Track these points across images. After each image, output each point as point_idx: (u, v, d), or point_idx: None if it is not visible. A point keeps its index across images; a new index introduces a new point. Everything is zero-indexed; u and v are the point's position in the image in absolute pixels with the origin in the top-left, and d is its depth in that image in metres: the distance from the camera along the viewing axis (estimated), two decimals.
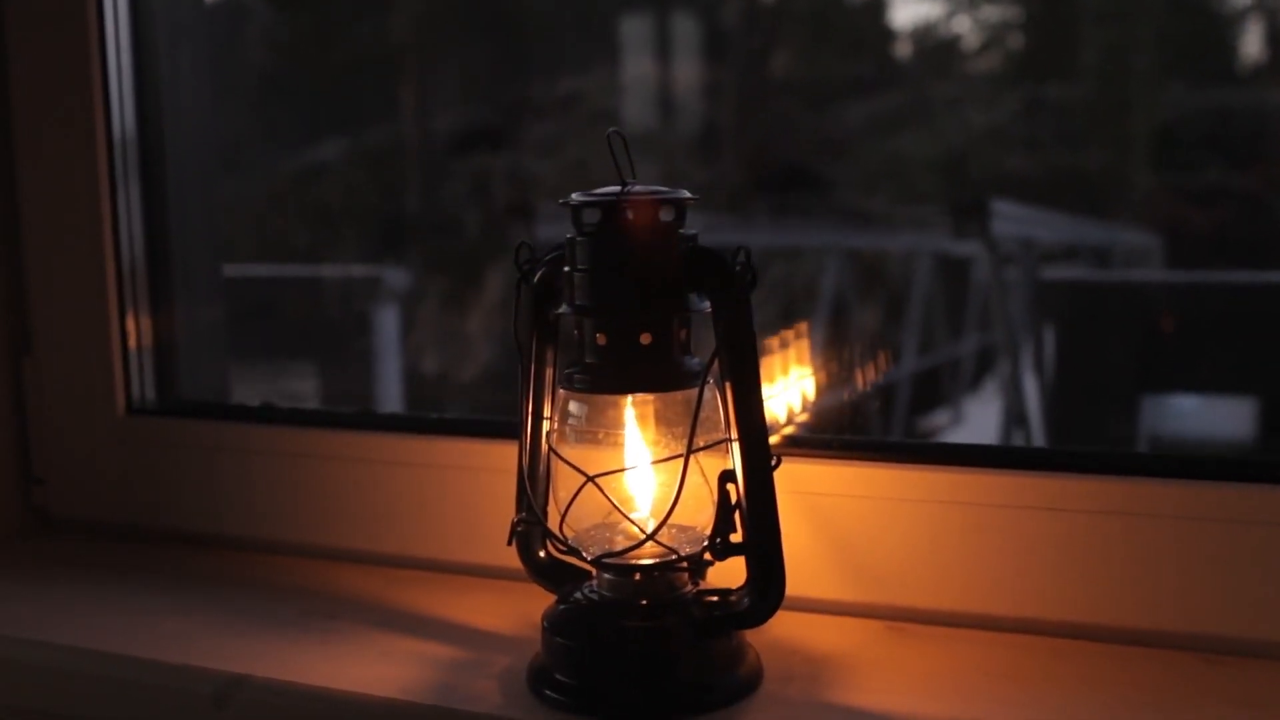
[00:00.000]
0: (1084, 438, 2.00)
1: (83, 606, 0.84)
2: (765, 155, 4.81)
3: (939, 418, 4.99)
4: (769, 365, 0.90)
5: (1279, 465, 0.71)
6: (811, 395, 0.91)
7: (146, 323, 0.98)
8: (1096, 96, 4.69)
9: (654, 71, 5.01)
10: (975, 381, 5.17)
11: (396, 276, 2.44)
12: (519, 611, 0.79)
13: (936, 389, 5.04)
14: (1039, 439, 2.52)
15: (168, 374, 0.99)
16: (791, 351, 0.91)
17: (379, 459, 0.87)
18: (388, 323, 2.35)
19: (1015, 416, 2.65)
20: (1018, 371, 2.74)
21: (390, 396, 2.35)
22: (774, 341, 0.88)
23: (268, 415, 0.93)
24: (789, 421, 0.89)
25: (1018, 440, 2.61)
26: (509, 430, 0.77)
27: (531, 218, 2.47)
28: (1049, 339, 2.16)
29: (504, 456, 0.79)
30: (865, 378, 0.97)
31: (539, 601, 0.73)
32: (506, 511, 0.73)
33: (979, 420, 4.60)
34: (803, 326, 0.91)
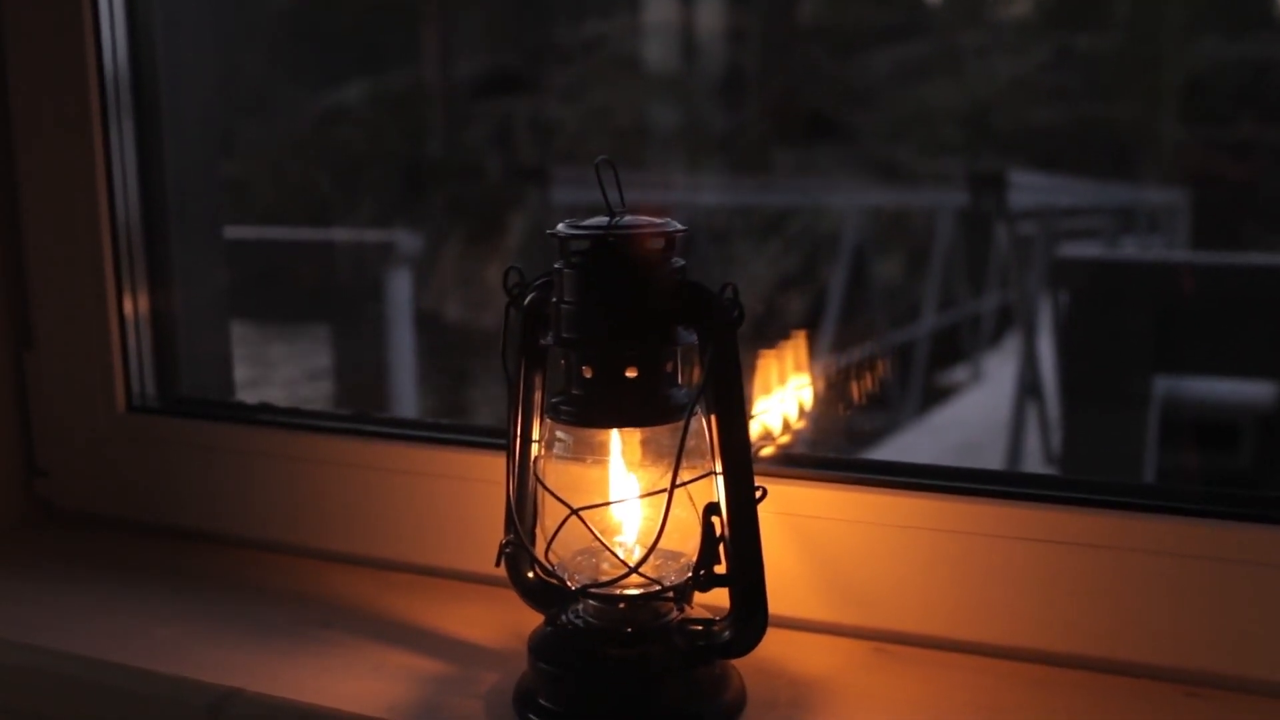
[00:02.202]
0: (1098, 407, 2.00)
1: (79, 606, 0.85)
2: (789, 102, 4.77)
3: (958, 373, 4.98)
4: (765, 375, 0.90)
5: (1268, 502, 0.70)
6: (809, 404, 0.91)
7: (144, 300, 0.98)
8: (1127, 47, 4.62)
9: (677, 15, 4.96)
10: (996, 337, 5.15)
11: (409, 241, 2.44)
12: (509, 622, 0.80)
13: (957, 344, 5.03)
14: (1052, 409, 2.52)
15: (167, 353, 0.99)
16: (789, 361, 0.91)
17: (376, 465, 0.88)
18: (400, 288, 2.36)
19: (1029, 386, 2.65)
20: (1033, 343, 2.73)
21: (403, 365, 2.37)
22: (771, 354, 0.88)
23: (266, 418, 0.93)
24: (785, 430, 0.89)
25: (1030, 410, 2.62)
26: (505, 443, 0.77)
27: (547, 182, 2.45)
28: (1066, 309, 2.17)
29: (499, 469, 0.79)
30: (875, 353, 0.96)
31: (530, 613, 0.73)
32: (500, 523, 0.73)
33: (997, 377, 4.58)
34: (800, 335, 0.91)
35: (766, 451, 0.84)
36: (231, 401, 0.98)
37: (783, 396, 0.89)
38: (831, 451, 0.82)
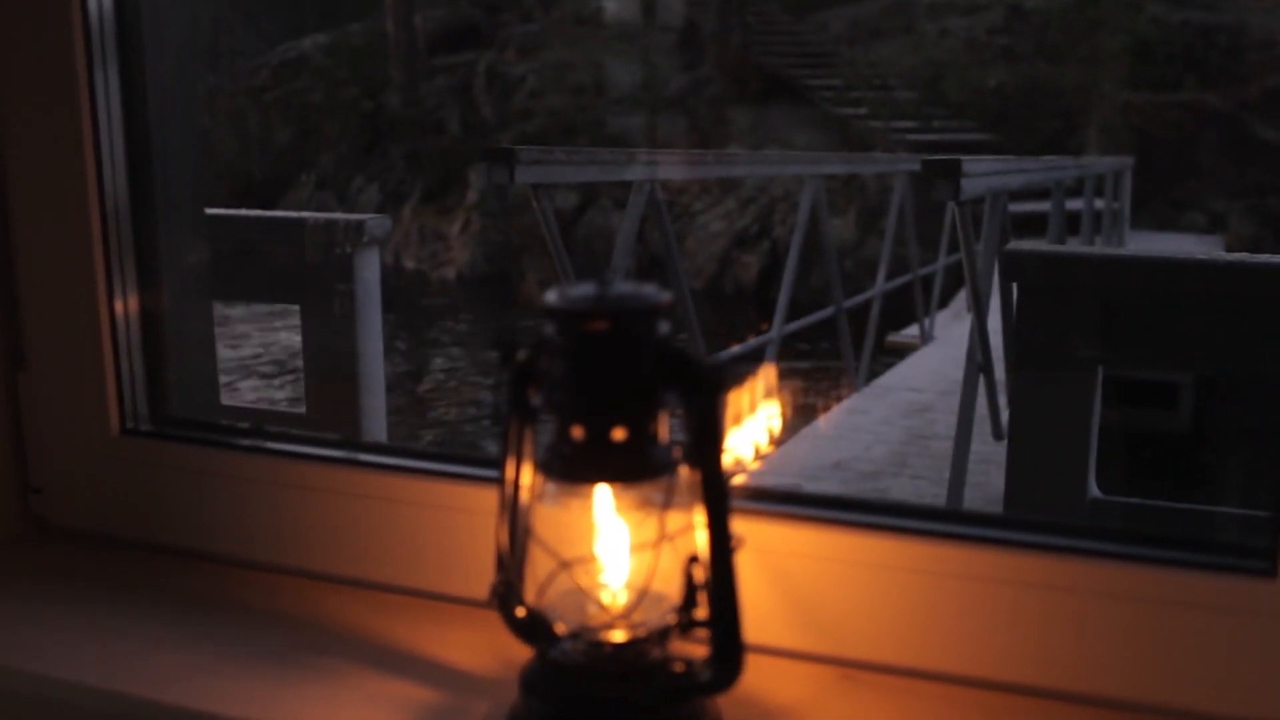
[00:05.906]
0: (1044, 389, 2.08)
1: (73, 627, 0.89)
2: (746, 60, 4.77)
3: (909, 333, 5.06)
4: (736, 403, 0.95)
5: (1207, 548, 0.76)
6: (778, 431, 0.96)
7: (134, 299, 1.00)
8: (1074, 10, 4.66)
9: None
10: (946, 298, 5.23)
11: (379, 224, 2.47)
12: (498, 647, 0.83)
13: (909, 304, 5.10)
14: (1001, 377, 2.60)
15: (155, 347, 1.01)
16: (759, 389, 0.96)
17: (365, 494, 0.92)
18: (370, 268, 2.39)
19: (980, 366, 2.74)
20: (984, 325, 2.81)
21: (372, 347, 2.40)
22: (741, 391, 0.92)
23: (256, 444, 0.96)
24: (756, 457, 0.94)
25: (980, 386, 2.71)
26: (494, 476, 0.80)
27: (512, 163, 2.48)
28: (1016, 300, 2.25)
29: (485, 500, 0.83)
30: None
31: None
32: (489, 550, 0.77)
33: (947, 337, 4.67)
34: (771, 370, 0.96)
35: (738, 479, 0.89)
36: (223, 424, 1.01)
37: (752, 426, 0.94)
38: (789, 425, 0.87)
